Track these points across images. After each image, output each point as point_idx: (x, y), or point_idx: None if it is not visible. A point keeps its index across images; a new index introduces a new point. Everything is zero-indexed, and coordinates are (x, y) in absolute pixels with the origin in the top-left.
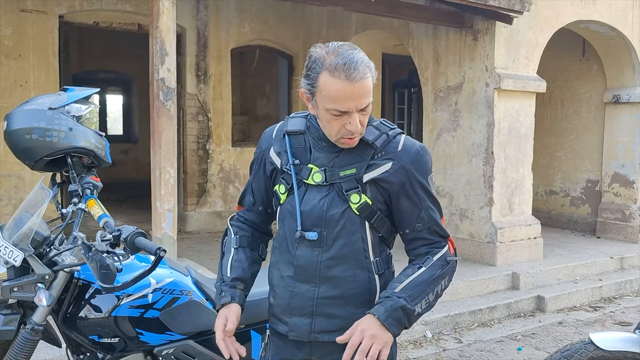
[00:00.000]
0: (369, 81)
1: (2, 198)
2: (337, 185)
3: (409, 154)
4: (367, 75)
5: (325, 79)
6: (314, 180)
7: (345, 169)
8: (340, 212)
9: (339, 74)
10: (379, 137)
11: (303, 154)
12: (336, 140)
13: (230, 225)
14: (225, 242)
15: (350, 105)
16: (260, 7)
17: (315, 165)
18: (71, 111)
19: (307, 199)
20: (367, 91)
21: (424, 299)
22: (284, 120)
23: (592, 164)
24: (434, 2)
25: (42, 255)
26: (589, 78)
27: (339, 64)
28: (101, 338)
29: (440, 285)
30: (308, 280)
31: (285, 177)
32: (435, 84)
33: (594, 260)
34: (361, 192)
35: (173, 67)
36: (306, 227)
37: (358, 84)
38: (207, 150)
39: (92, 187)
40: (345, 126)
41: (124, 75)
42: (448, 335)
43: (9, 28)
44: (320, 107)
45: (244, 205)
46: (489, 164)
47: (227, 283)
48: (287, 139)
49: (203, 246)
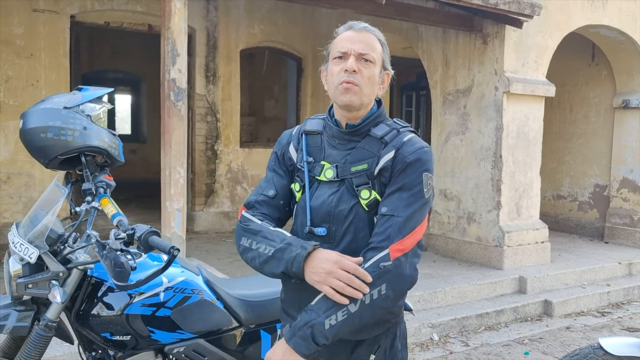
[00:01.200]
0: (373, 38)
1: (13, 196)
2: (348, 180)
3: (412, 147)
4: (372, 33)
5: (336, 39)
6: (325, 177)
7: (357, 165)
8: (349, 207)
9: (345, 28)
10: (389, 133)
11: (318, 152)
12: (335, 89)
13: (251, 215)
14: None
15: (349, 46)
16: (270, 9)
17: (327, 162)
18: (85, 110)
19: (317, 195)
20: (369, 42)
21: (341, 310)
22: (303, 122)
23: (600, 169)
24: (444, 6)
25: (57, 252)
26: (599, 82)
27: (351, 23)
28: (113, 335)
29: (369, 294)
30: None
31: (299, 175)
32: (444, 87)
33: (602, 266)
34: (371, 188)
35: (184, 68)
36: (315, 223)
37: (360, 32)
38: (215, 150)
39: (106, 186)
40: (343, 68)
41: (133, 75)
42: (455, 338)
43: (21, 27)
44: (329, 64)
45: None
46: (497, 168)
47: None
48: (304, 138)
49: (210, 246)
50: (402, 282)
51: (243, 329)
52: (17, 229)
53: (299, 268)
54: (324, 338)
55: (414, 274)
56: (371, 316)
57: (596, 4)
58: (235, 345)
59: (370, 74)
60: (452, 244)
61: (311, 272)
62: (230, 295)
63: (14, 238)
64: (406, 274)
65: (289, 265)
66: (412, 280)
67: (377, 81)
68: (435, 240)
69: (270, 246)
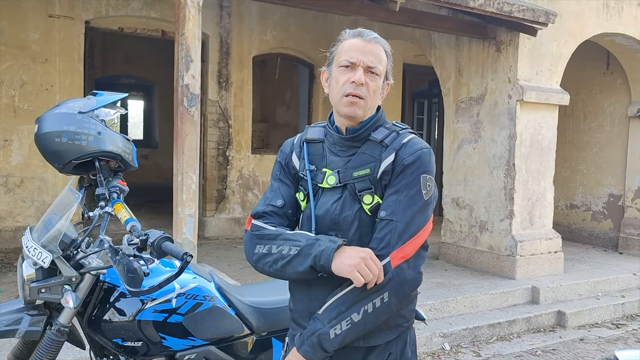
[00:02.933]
0: (381, 50)
1: (26, 200)
2: (350, 185)
3: (410, 149)
4: (380, 43)
5: (343, 43)
6: (328, 183)
7: (358, 170)
8: (353, 213)
9: (355, 34)
10: (389, 135)
11: (319, 160)
12: (339, 100)
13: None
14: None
15: (359, 57)
16: (282, 16)
17: (329, 168)
18: (100, 115)
19: (321, 203)
20: (378, 54)
21: (345, 320)
22: (304, 130)
23: (614, 178)
24: (457, 13)
25: (69, 257)
26: (613, 91)
27: (359, 30)
28: (124, 341)
29: (372, 302)
30: (326, 284)
31: (302, 184)
32: (456, 94)
33: (616, 277)
34: (374, 193)
35: (198, 74)
36: (321, 231)
37: (370, 43)
38: (226, 156)
39: (119, 191)
40: (350, 79)
41: (146, 80)
42: (466, 348)
43: (37, 33)
44: (334, 70)
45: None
46: (510, 176)
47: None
48: (306, 146)
49: (221, 252)
50: (404, 287)
51: (255, 337)
52: (30, 233)
53: (328, 260)
54: (331, 346)
55: (417, 277)
56: (374, 323)
57: (611, 12)
58: (247, 353)
59: (375, 87)
60: (464, 253)
61: (345, 258)
62: (242, 302)
63: (27, 242)
64: (408, 279)
65: (317, 258)
66: (415, 284)
67: (380, 92)
68: (447, 249)
69: (295, 246)
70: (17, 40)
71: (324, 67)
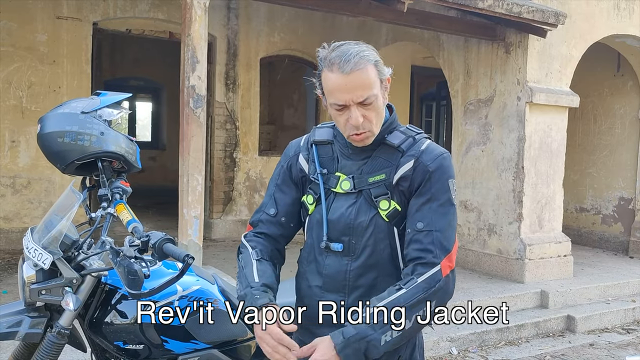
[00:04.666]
0: (365, 73)
1: (33, 201)
2: (366, 191)
3: (431, 155)
4: (362, 67)
5: (325, 75)
6: (342, 188)
7: (374, 175)
8: (369, 219)
9: (332, 67)
10: (405, 141)
11: (330, 163)
12: (347, 137)
13: (246, 241)
14: (242, 258)
15: (346, 97)
16: (290, 17)
17: (342, 173)
18: (103, 115)
19: (334, 208)
20: (363, 83)
21: (397, 327)
22: (311, 132)
23: (625, 182)
24: (465, 14)
25: (71, 259)
26: (624, 93)
27: (333, 58)
28: (126, 344)
29: (422, 310)
30: (337, 289)
31: (312, 187)
32: (465, 96)
33: (627, 281)
34: (390, 198)
35: (204, 75)
36: (334, 236)
37: (351, 75)
38: (234, 158)
39: (122, 192)
40: (348, 121)
41: (154, 82)
42: (474, 352)
43: (45, 34)
44: (328, 105)
45: (264, 216)
46: (519, 179)
47: (257, 287)
48: (315, 148)
49: (228, 254)
50: (446, 297)
51: None
52: (31, 234)
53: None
54: (377, 353)
55: (454, 288)
56: (418, 331)
57: (622, 14)
58: (250, 357)
59: (377, 111)
60: (472, 256)
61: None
62: None
63: (28, 243)
64: (451, 290)
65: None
66: (451, 295)
67: (383, 103)
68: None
69: (240, 287)
70: (25, 41)
71: (318, 92)
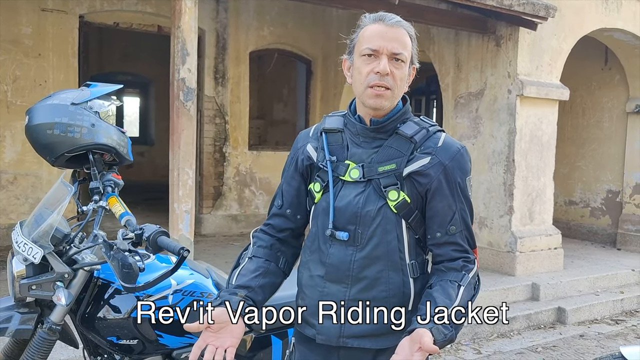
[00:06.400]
0: (405, 34)
1: (19, 197)
2: (375, 181)
3: (449, 152)
4: (404, 26)
5: (364, 29)
6: (351, 177)
7: (384, 165)
8: (377, 209)
9: (376, 19)
10: (419, 132)
11: (340, 151)
12: (364, 91)
13: (252, 237)
14: (242, 256)
15: (381, 44)
16: (280, 11)
17: (352, 161)
18: (94, 107)
19: (342, 196)
20: (402, 40)
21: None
22: (321, 120)
23: (613, 175)
24: (456, 7)
25: (62, 253)
26: (612, 87)
27: (381, 15)
28: (119, 339)
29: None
30: (339, 280)
31: (320, 175)
32: (455, 90)
33: (615, 273)
34: (400, 189)
35: (194, 68)
36: (340, 224)
37: (393, 27)
38: (223, 153)
39: (114, 185)
40: (374, 69)
41: (142, 77)
42: (467, 345)
43: (30, 27)
44: (356, 58)
45: (271, 210)
46: (509, 172)
47: (228, 290)
48: (325, 136)
49: (218, 249)
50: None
51: (253, 334)
52: (21, 228)
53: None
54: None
55: None
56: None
57: (610, 7)
58: (246, 351)
59: (402, 75)
60: None
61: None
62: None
63: (17, 237)
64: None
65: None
66: None
67: (407, 79)
68: None
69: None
70: (9, 34)
71: (345, 56)
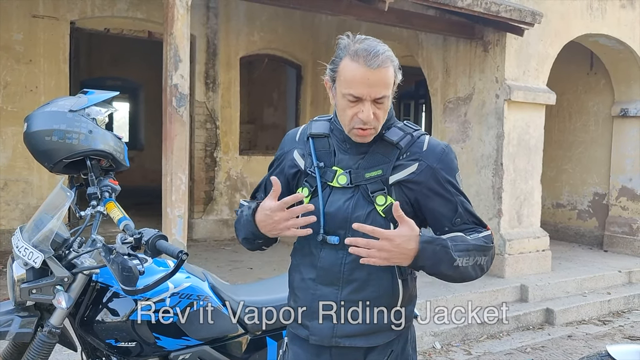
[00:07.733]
0: (388, 73)
1: (10, 203)
2: (363, 187)
3: (435, 153)
4: (387, 66)
5: (346, 64)
6: (338, 183)
7: (370, 171)
8: (366, 214)
9: (358, 58)
10: (404, 138)
11: (327, 156)
12: (349, 131)
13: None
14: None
15: (364, 91)
16: (270, 16)
17: (339, 167)
18: (91, 114)
19: (331, 201)
20: (384, 82)
21: (467, 257)
22: (307, 124)
23: (599, 178)
24: (444, 13)
25: (61, 257)
26: (597, 91)
27: (360, 49)
28: (118, 342)
29: (482, 258)
30: (331, 282)
31: (308, 180)
32: (444, 94)
33: (602, 274)
34: (387, 194)
35: (186, 74)
36: (330, 229)
37: (375, 71)
38: (214, 158)
39: (111, 190)
40: (357, 114)
41: (132, 82)
42: (457, 347)
43: (21, 33)
44: (338, 93)
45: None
46: (498, 176)
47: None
48: (311, 141)
49: (209, 254)
50: (491, 263)
51: (249, 336)
52: (21, 233)
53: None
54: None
55: None
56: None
57: (595, 14)
58: (241, 353)
59: (385, 110)
60: None
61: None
62: (236, 301)
63: (18, 242)
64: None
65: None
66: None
67: (390, 102)
68: None
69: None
70: (0, 40)
71: (326, 77)
